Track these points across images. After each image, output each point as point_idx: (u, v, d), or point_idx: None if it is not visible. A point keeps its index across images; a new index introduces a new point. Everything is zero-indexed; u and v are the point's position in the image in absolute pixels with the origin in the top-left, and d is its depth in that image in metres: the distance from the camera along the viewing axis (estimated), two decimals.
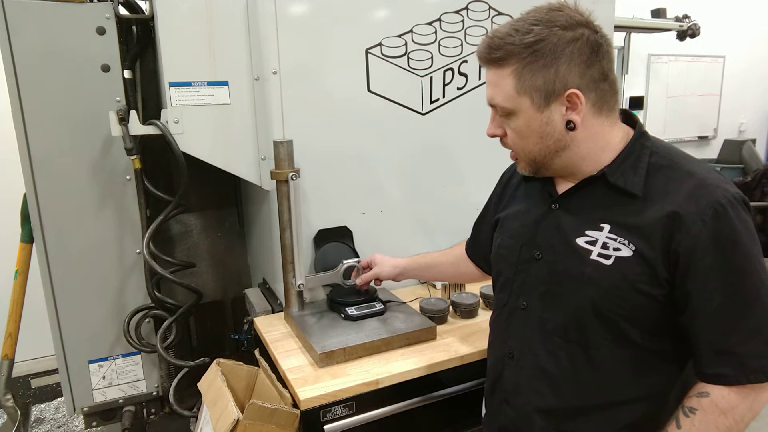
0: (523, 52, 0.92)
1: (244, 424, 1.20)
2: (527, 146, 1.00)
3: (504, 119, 1.00)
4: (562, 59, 0.91)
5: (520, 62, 0.93)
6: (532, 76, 0.93)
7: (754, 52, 5.23)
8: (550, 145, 0.97)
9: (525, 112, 0.96)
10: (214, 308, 2.15)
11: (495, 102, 0.99)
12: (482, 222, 1.36)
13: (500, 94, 0.97)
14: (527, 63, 0.92)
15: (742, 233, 0.88)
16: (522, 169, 1.05)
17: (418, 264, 1.54)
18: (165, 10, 1.50)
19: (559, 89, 0.93)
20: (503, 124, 1.01)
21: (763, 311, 0.88)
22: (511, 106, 0.96)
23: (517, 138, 1.00)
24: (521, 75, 0.93)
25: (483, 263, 1.37)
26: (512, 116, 0.98)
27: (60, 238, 1.68)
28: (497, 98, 0.98)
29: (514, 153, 1.04)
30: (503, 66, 0.95)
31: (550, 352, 1.02)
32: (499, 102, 0.97)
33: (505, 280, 1.12)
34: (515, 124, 0.98)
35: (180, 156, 1.54)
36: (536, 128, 0.96)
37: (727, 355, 0.89)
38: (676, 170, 0.94)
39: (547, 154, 0.99)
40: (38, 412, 2.89)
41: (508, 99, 0.96)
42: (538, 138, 0.97)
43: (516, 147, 1.02)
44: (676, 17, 4.03)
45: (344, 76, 1.63)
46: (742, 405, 0.89)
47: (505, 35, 0.93)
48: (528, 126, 0.97)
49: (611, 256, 0.94)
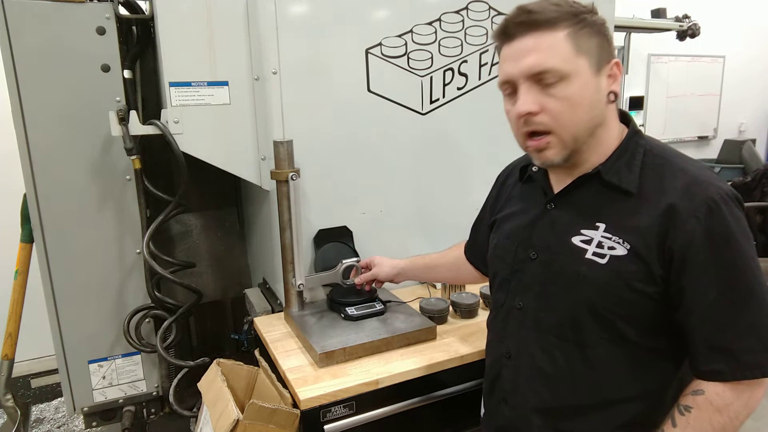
0: (572, 18, 0.90)
1: (244, 424, 1.20)
2: (575, 118, 0.92)
3: (544, 91, 0.91)
4: (602, 31, 0.93)
5: (574, 26, 0.90)
6: (589, 38, 0.91)
7: (754, 52, 5.23)
8: (596, 116, 0.94)
9: (582, 75, 0.90)
10: (214, 308, 2.15)
11: (546, 66, 0.89)
12: (479, 224, 1.36)
13: (557, 56, 0.89)
14: (581, 27, 0.90)
15: (736, 230, 0.89)
16: (551, 158, 0.95)
17: (417, 265, 1.54)
18: (165, 10, 1.51)
19: (606, 57, 0.93)
20: (541, 99, 0.91)
21: (757, 307, 0.89)
22: (570, 68, 0.89)
23: (566, 108, 0.91)
24: (578, 36, 0.90)
25: (481, 265, 1.37)
26: (564, 82, 0.90)
27: (60, 238, 1.68)
28: (552, 60, 0.89)
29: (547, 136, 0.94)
30: (554, 29, 0.90)
31: (546, 351, 1.02)
32: (555, 64, 0.89)
33: (502, 281, 1.13)
34: (567, 91, 0.90)
35: (180, 156, 1.54)
36: (589, 95, 0.92)
37: (722, 352, 0.89)
38: (670, 168, 0.95)
39: (590, 128, 0.94)
40: (38, 412, 2.89)
41: (568, 59, 0.89)
42: (588, 107, 0.92)
43: (560, 121, 0.92)
44: (676, 17, 4.04)
45: (344, 76, 1.63)
46: (737, 402, 0.90)
47: (546, 5, 0.91)
48: (582, 92, 0.91)
49: (606, 255, 0.94)
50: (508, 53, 0.95)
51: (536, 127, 0.93)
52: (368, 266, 1.59)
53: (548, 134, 0.94)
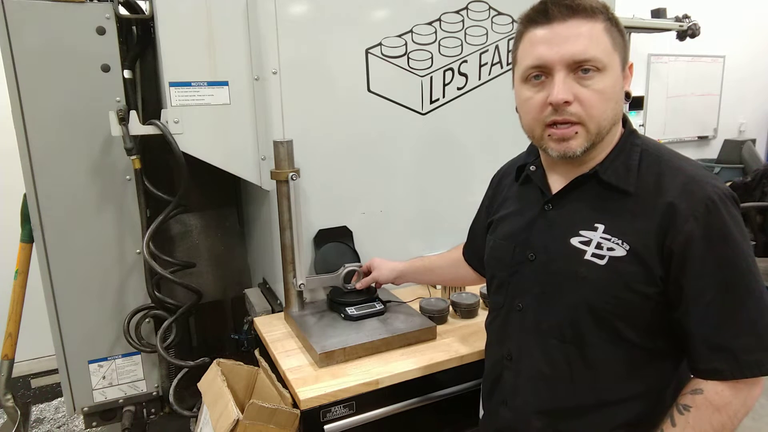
0: (607, 12, 0.91)
1: (244, 424, 1.20)
2: (606, 111, 0.91)
3: (580, 81, 0.90)
4: (625, 34, 0.94)
5: (607, 20, 0.91)
6: (619, 36, 0.92)
7: (754, 52, 5.23)
8: (618, 114, 0.95)
9: (616, 70, 0.91)
10: (214, 308, 2.15)
11: (590, 55, 0.88)
12: (476, 225, 1.36)
13: (598, 47, 0.89)
14: (612, 23, 0.91)
15: (733, 229, 0.89)
16: (575, 148, 0.93)
17: (416, 268, 1.54)
18: (165, 10, 1.51)
19: (627, 57, 0.95)
20: (575, 88, 0.90)
21: (755, 306, 0.89)
22: (608, 61, 0.89)
23: (600, 100, 0.90)
24: (612, 32, 0.91)
25: (479, 266, 1.37)
26: (601, 75, 0.89)
27: (60, 238, 1.68)
28: (594, 50, 0.88)
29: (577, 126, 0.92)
30: (595, 19, 0.89)
31: (546, 352, 1.02)
32: (596, 54, 0.88)
33: (500, 283, 1.12)
34: (603, 83, 0.90)
35: (180, 156, 1.54)
36: (617, 91, 0.93)
37: (720, 350, 0.90)
38: (667, 167, 0.95)
39: (611, 124, 0.94)
40: (38, 412, 2.89)
41: (606, 53, 0.89)
42: (615, 103, 0.93)
43: (592, 112, 0.90)
44: (676, 17, 4.04)
45: (344, 76, 1.63)
46: (736, 400, 0.90)
47: None
48: (614, 86, 0.91)
49: (605, 256, 0.94)
50: (543, 36, 0.91)
51: (567, 117, 0.91)
52: (368, 269, 1.59)
53: (577, 124, 0.92)
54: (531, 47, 0.93)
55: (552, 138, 0.94)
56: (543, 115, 0.94)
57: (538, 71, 0.93)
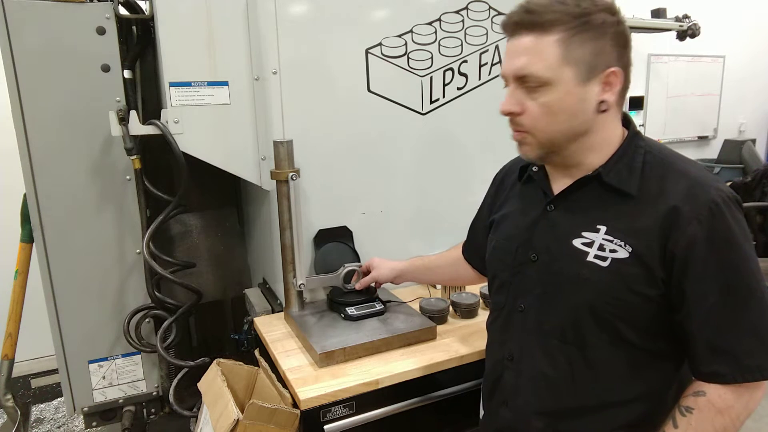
0: (572, 21, 0.88)
1: (244, 424, 1.20)
2: (552, 124, 0.93)
3: (528, 93, 0.92)
4: (608, 36, 0.90)
5: (569, 30, 0.88)
6: (581, 46, 0.88)
7: (754, 52, 5.22)
8: (576, 126, 0.93)
9: (564, 84, 0.90)
10: (214, 308, 2.15)
11: (528, 71, 0.90)
12: (477, 224, 1.35)
13: (540, 62, 0.89)
14: (577, 32, 0.88)
15: (737, 232, 0.89)
16: (528, 153, 0.98)
17: (416, 267, 1.54)
18: (165, 10, 1.51)
19: (601, 65, 0.90)
20: (524, 100, 0.93)
21: (758, 309, 0.89)
22: (549, 76, 0.89)
23: (544, 114, 0.92)
24: (569, 43, 0.88)
25: (480, 265, 1.37)
26: (545, 89, 0.91)
27: (60, 238, 1.68)
28: (533, 67, 0.90)
29: (525, 134, 0.96)
30: (548, 32, 0.89)
31: (547, 353, 1.02)
32: (536, 71, 0.90)
33: (502, 283, 1.12)
34: (547, 98, 0.91)
35: (180, 156, 1.54)
36: (570, 104, 0.91)
37: (722, 354, 0.89)
38: (670, 170, 0.95)
39: (570, 136, 0.94)
40: (38, 412, 2.89)
41: (550, 68, 0.89)
42: (569, 116, 0.92)
43: (536, 124, 0.94)
44: (676, 17, 4.03)
45: (344, 76, 1.63)
46: (738, 404, 0.90)
47: (550, 3, 0.89)
48: (562, 101, 0.91)
49: (607, 258, 0.94)
50: (506, 49, 0.96)
51: (517, 126, 0.97)
52: (367, 269, 1.59)
53: (525, 132, 0.96)
54: (502, 59, 1.02)
55: (515, 140, 1.01)
56: None
57: (505, 83, 0.98)
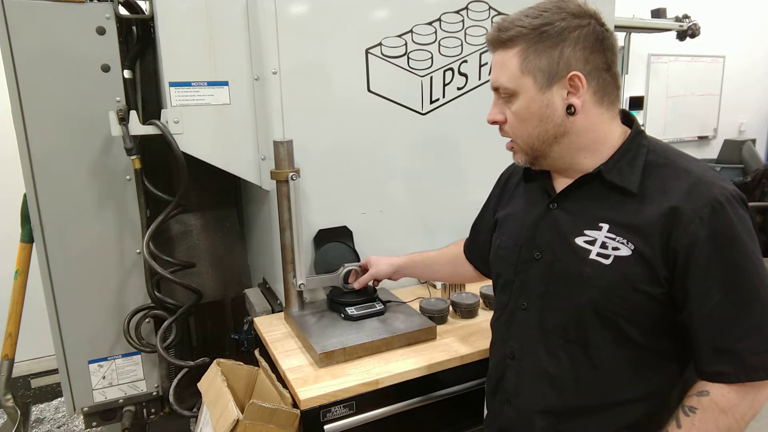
0: (530, 34, 0.94)
1: (244, 424, 1.20)
2: (526, 130, 0.99)
3: (505, 103, 1.00)
4: (567, 42, 0.93)
5: (527, 42, 0.94)
6: (537, 56, 0.94)
7: (754, 52, 5.22)
8: (549, 129, 0.97)
9: (527, 92, 0.96)
10: (214, 308, 2.15)
11: (499, 83, 0.99)
12: (480, 223, 1.36)
13: (504, 75, 0.97)
14: (533, 43, 0.94)
15: (740, 230, 0.88)
16: (518, 159, 1.05)
17: (415, 262, 1.53)
18: (165, 10, 1.51)
19: (562, 71, 0.94)
20: (504, 110, 1.01)
21: (761, 308, 0.88)
22: (513, 86, 0.97)
23: (517, 122, 0.99)
24: (526, 55, 0.94)
25: (481, 265, 1.37)
26: (514, 98, 0.98)
27: (60, 238, 1.68)
28: (501, 79, 0.98)
29: (512, 141, 1.04)
30: (510, 47, 0.96)
31: (550, 352, 1.02)
32: (503, 82, 0.97)
33: (505, 282, 1.12)
34: (516, 106, 0.98)
35: (180, 156, 1.54)
36: (536, 110, 0.96)
37: (726, 353, 0.89)
38: (673, 168, 0.95)
39: (546, 140, 0.98)
40: (38, 412, 2.89)
41: (512, 79, 0.96)
42: (538, 121, 0.97)
43: (515, 132, 1.01)
44: (676, 17, 4.04)
45: (344, 76, 1.63)
46: (743, 403, 0.89)
47: (515, 19, 0.96)
48: (528, 108, 0.97)
49: (610, 256, 0.94)
50: None
51: (504, 134, 1.05)
52: (365, 267, 1.59)
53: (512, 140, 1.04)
54: None
55: None
56: None
57: None
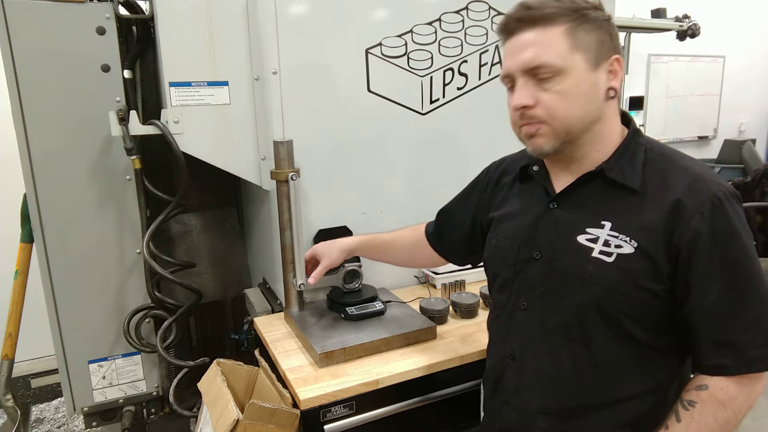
0: (572, 14, 0.93)
1: (244, 424, 1.20)
2: (570, 111, 0.94)
3: (539, 85, 0.94)
4: (604, 26, 0.95)
5: (572, 21, 0.92)
6: (586, 35, 0.93)
7: (754, 52, 5.22)
8: (592, 112, 0.96)
9: (577, 70, 0.93)
10: (214, 308, 2.15)
11: (540, 61, 0.92)
12: (451, 216, 1.35)
13: (550, 52, 0.92)
14: (580, 23, 0.93)
15: (738, 226, 0.91)
16: (542, 145, 0.97)
17: (368, 246, 1.49)
18: (165, 10, 1.51)
19: (606, 53, 0.94)
20: (536, 93, 0.94)
21: (760, 302, 0.90)
22: (562, 63, 0.92)
23: (561, 102, 0.93)
24: (575, 32, 0.92)
25: (448, 253, 1.38)
26: (559, 77, 0.92)
27: (60, 238, 1.68)
28: (545, 56, 0.92)
29: (540, 125, 0.96)
30: (552, 24, 0.92)
31: (551, 351, 1.02)
32: (548, 60, 0.92)
33: (504, 281, 1.12)
34: (562, 85, 0.93)
35: (180, 156, 1.54)
36: (585, 90, 0.94)
37: (726, 346, 0.91)
38: (672, 166, 0.96)
39: (586, 123, 0.96)
40: (38, 412, 2.89)
41: (560, 56, 0.92)
42: (585, 101, 0.94)
43: (553, 113, 0.94)
44: (676, 17, 4.04)
45: (344, 76, 1.63)
46: (741, 396, 0.91)
47: (546, 1, 0.93)
48: (578, 86, 0.93)
49: (613, 254, 0.94)
50: (508, 48, 0.98)
51: (530, 120, 0.97)
52: (315, 259, 1.51)
53: (541, 123, 0.96)
54: (503, 60, 1.01)
55: (525, 136, 1.00)
56: (516, 120, 1.00)
57: (509, 81, 0.99)
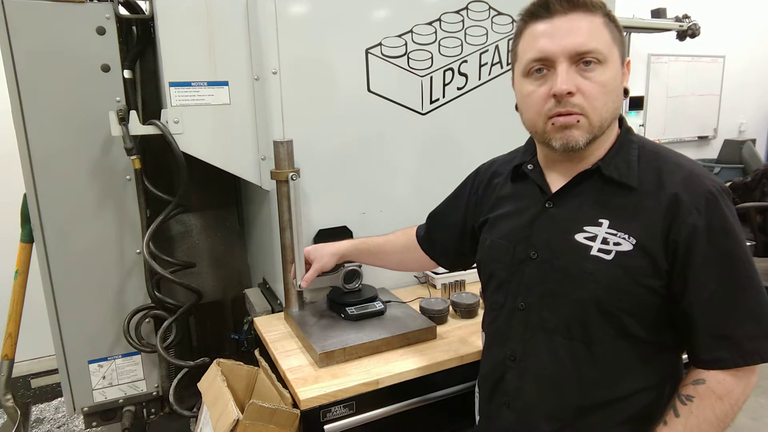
0: (605, 8, 0.94)
1: (244, 424, 1.20)
2: (607, 103, 0.92)
3: (583, 72, 0.91)
4: (622, 31, 0.97)
5: (605, 16, 0.93)
6: (617, 31, 0.94)
7: (754, 52, 5.23)
8: (618, 108, 0.97)
9: (616, 63, 0.93)
10: (214, 308, 2.15)
11: (591, 47, 0.89)
12: (443, 219, 1.34)
13: (599, 39, 0.90)
14: (609, 19, 0.94)
15: (732, 221, 0.92)
16: (577, 138, 0.93)
17: (359, 250, 1.48)
18: (165, 10, 1.51)
19: (624, 53, 0.96)
20: (578, 80, 0.91)
21: (755, 295, 0.92)
22: (607, 53, 0.91)
23: (601, 92, 0.91)
24: (610, 27, 0.93)
25: (438, 256, 1.38)
26: (603, 66, 0.91)
27: (60, 238, 1.68)
28: (594, 43, 0.89)
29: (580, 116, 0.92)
30: (594, 13, 0.92)
31: (551, 351, 1.02)
32: (597, 46, 0.90)
33: (500, 282, 1.10)
34: (605, 76, 0.91)
35: (180, 156, 1.54)
36: (618, 85, 0.95)
37: (723, 340, 0.92)
38: (665, 162, 0.97)
39: (611, 118, 0.96)
40: (38, 412, 2.89)
41: (606, 45, 0.91)
42: (616, 96, 0.95)
43: (594, 104, 0.91)
44: (676, 17, 4.04)
45: (344, 76, 1.63)
46: (737, 389, 0.92)
47: None
48: (615, 79, 0.93)
49: (612, 251, 0.94)
50: (545, 30, 0.92)
51: (570, 108, 0.92)
52: (307, 261, 1.51)
53: (580, 114, 0.92)
54: (533, 41, 0.94)
55: (555, 128, 0.94)
56: (546, 108, 0.94)
57: (540, 64, 0.93)
